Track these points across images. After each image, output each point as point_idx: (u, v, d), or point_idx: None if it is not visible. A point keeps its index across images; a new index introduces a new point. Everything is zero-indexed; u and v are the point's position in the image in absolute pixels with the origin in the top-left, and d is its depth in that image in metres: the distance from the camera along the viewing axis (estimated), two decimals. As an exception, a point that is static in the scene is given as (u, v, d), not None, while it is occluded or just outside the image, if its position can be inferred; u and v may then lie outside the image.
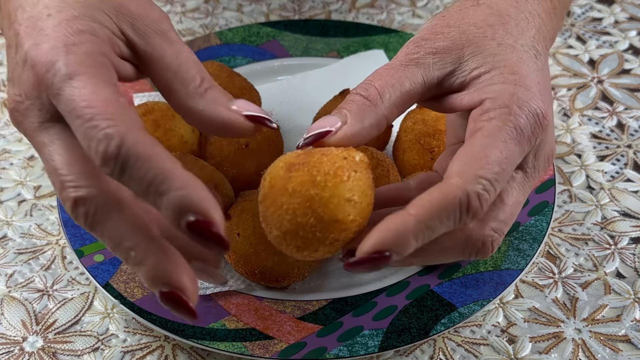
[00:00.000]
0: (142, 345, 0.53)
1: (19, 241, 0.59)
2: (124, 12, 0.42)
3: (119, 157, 0.37)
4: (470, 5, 0.46)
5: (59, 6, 0.41)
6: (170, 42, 0.42)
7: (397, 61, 0.44)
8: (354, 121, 0.42)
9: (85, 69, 0.39)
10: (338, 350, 0.50)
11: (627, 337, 0.53)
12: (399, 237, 0.38)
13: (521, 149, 0.41)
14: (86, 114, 0.37)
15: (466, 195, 0.39)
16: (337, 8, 0.81)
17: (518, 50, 0.44)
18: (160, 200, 0.37)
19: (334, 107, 0.60)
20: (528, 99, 0.42)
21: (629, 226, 0.60)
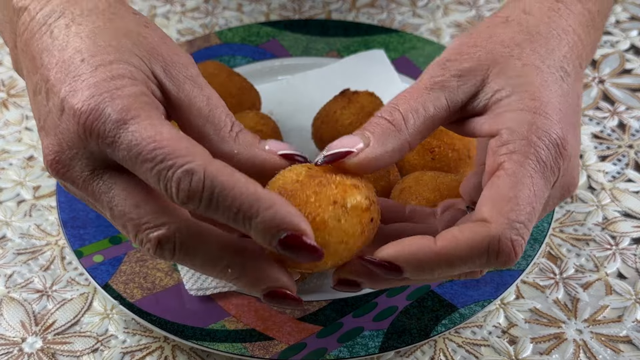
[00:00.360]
0: (142, 346, 0.52)
1: (18, 242, 0.59)
2: (156, 57, 0.41)
3: (205, 190, 0.36)
4: (499, 22, 0.45)
5: (92, 50, 0.40)
6: (200, 88, 0.42)
7: (422, 84, 0.43)
8: (377, 145, 0.41)
9: (137, 112, 0.38)
10: (338, 351, 0.50)
11: (629, 338, 0.53)
12: (415, 260, 0.38)
13: (547, 182, 0.40)
14: (157, 155, 0.37)
15: (497, 241, 0.38)
16: (337, 8, 0.81)
17: (543, 71, 0.42)
18: (250, 223, 0.37)
19: (334, 107, 0.60)
20: (547, 128, 0.40)
21: (630, 226, 0.60)
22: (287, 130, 0.65)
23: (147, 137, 0.37)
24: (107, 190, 0.40)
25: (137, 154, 0.37)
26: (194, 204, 0.37)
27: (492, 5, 0.81)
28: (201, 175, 0.36)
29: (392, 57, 0.72)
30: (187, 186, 0.36)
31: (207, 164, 0.37)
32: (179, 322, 0.51)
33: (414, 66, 0.71)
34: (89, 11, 0.41)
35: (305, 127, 0.64)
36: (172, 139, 0.37)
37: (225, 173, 0.37)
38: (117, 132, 0.37)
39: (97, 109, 0.38)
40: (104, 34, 0.40)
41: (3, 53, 0.76)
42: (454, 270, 0.39)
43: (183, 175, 0.36)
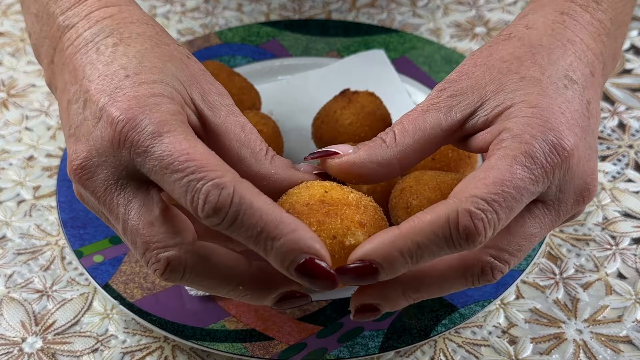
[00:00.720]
0: (142, 346, 0.52)
1: (18, 242, 0.59)
2: (195, 84, 0.43)
3: (232, 205, 0.37)
4: (501, 39, 0.45)
5: (137, 69, 0.41)
6: (236, 115, 0.43)
7: (420, 107, 0.44)
8: (362, 153, 0.42)
9: (173, 126, 0.39)
10: (338, 351, 0.50)
11: (629, 338, 0.53)
12: (384, 248, 0.39)
13: (532, 176, 0.39)
14: (189, 166, 0.38)
15: (455, 213, 0.38)
16: (337, 8, 0.81)
17: (542, 82, 0.42)
18: (272, 244, 0.38)
19: (334, 107, 0.60)
20: (543, 129, 0.40)
21: (630, 227, 0.60)
22: (287, 130, 0.65)
23: (180, 149, 0.38)
24: (125, 204, 0.40)
25: (168, 164, 0.38)
26: (218, 219, 0.38)
27: (492, 5, 0.81)
28: (230, 190, 0.37)
29: (392, 57, 0.72)
30: (215, 199, 0.37)
31: (236, 182, 0.38)
32: (179, 322, 0.51)
33: (414, 66, 0.71)
34: (137, 35, 0.43)
35: (305, 127, 0.64)
36: (204, 153, 0.39)
37: (253, 192, 0.38)
38: (152, 143, 0.39)
39: (134, 119, 0.39)
40: (150, 56, 0.42)
41: (3, 53, 0.76)
42: (423, 251, 0.39)
43: (212, 187, 0.37)
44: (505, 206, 0.39)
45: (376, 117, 0.59)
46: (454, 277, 0.42)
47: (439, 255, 0.40)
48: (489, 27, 0.79)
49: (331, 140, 0.59)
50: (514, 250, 0.42)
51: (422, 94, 0.68)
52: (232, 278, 0.41)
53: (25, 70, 0.74)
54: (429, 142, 0.43)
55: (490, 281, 0.42)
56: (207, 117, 0.42)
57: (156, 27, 0.45)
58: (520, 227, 0.41)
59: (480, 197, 0.38)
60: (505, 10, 0.81)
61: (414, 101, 0.68)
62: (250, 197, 0.38)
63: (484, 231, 0.38)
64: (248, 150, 0.43)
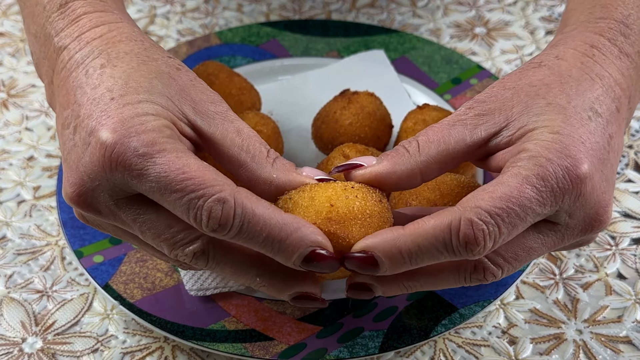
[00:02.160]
0: (142, 346, 0.52)
1: (18, 242, 0.59)
2: (185, 97, 0.43)
3: (236, 217, 0.39)
4: (531, 67, 0.45)
5: (123, 90, 0.41)
6: (231, 121, 0.43)
7: (446, 121, 0.44)
8: (386, 163, 0.43)
9: (162, 145, 0.40)
10: (338, 351, 0.50)
11: (629, 338, 0.53)
12: (386, 245, 0.40)
13: (540, 198, 0.40)
14: (187, 185, 0.39)
15: (458, 221, 0.39)
16: (337, 8, 0.81)
17: (567, 111, 0.42)
18: (278, 246, 0.40)
19: (334, 107, 0.60)
20: (560, 155, 0.40)
21: (630, 227, 0.60)
22: (287, 130, 0.65)
23: (175, 168, 0.39)
24: (136, 217, 0.42)
25: (166, 185, 0.39)
26: (224, 231, 0.39)
27: (492, 6, 0.81)
28: (232, 203, 0.39)
29: (392, 57, 0.72)
30: (219, 214, 0.39)
31: (235, 193, 0.39)
32: (179, 322, 0.51)
33: (414, 66, 0.71)
34: (125, 53, 0.43)
35: (305, 127, 0.64)
36: (199, 169, 0.39)
37: (252, 200, 0.40)
38: (145, 165, 0.39)
39: (122, 143, 0.39)
40: (136, 76, 0.42)
41: (3, 53, 0.76)
42: (423, 253, 0.40)
43: (214, 203, 0.39)
44: (508, 222, 0.40)
45: (376, 117, 0.59)
46: (447, 270, 0.43)
47: (439, 259, 0.41)
48: (488, 27, 0.79)
49: (331, 141, 0.59)
50: (510, 257, 0.42)
51: (422, 94, 0.68)
52: (250, 268, 0.43)
53: (25, 70, 0.74)
54: (451, 156, 0.43)
55: (481, 281, 0.43)
56: (201, 127, 0.43)
57: (145, 43, 0.45)
58: (521, 237, 0.42)
59: (484, 208, 0.39)
60: (505, 10, 0.81)
61: (414, 101, 0.68)
62: (251, 205, 0.39)
63: (483, 242, 0.39)
64: (248, 155, 0.43)
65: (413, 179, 0.43)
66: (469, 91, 0.68)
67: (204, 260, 0.42)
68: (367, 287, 0.43)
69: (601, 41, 0.46)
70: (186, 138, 0.42)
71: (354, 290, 0.44)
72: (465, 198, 0.41)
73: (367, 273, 0.41)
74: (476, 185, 0.51)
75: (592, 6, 0.48)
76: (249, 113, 0.59)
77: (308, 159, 0.63)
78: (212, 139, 0.43)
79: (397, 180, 0.43)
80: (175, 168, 0.39)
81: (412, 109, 0.61)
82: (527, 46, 0.76)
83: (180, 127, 0.42)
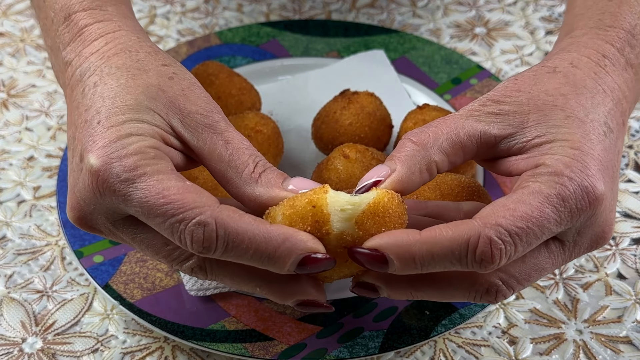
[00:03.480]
0: (142, 346, 0.52)
1: (18, 242, 0.59)
2: (173, 110, 0.43)
3: (219, 239, 0.39)
4: (545, 72, 0.45)
5: (109, 111, 0.42)
6: (219, 133, 0.43)
7: (458, 114, 0.44)
8: (402, 168, 0.42)
9: (144, 169, 0.40)
10: (338, 351, 0.50)
11: (629, 338, 0.53)
12: (400, 248, 0.39)
13: (558, 218, 0.40)
14: (167, 210, 0.39)
15: (477, 237, 0.39)
16: (337, 8, 0.81)
17: (586, 125, 0.42)
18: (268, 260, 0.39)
19: (334, 107, 0.60)
20: (581, 174, 0.40)
21: (630, 227, 0.60)
22: (287, 130, 0.65)
23: (155, 193, 0.39)
24: (134, 236, 0.43)
25: (148, 210, 0.39)
26: (210, 252, 0.39)
27: (492, 6, 0.81)
28: (213, 225, 0.39)
29: (392, 57, 0.72)
30: (201, 237, 0.39)
31: (216, 214, 0.39)
32: (179, 322, 0.51)
33: (414, 66, 0.71)
34: (117, 68, 0.44)
35: (305, 127, 0.64)
36: (178, 192, 0.39)
37: (234, 219, 0.39)
38: (127, 191, 0.40)
39: (106, 169, 0.40)
40: (123, 93, 0.43)
41: (3, 53, 0.76)
42: (435, 262, 0.39)
43: (195, 227, 0.39)
44: (525, 241, 0.40)
45: (376, 117, 0.59)
46: (459, 288, 0.42)
47: (449, 269, 0.40)
48: (488, 27, 0.79)
49: (331, 141, 0.59)
50: (523, 279, 0.42)
51: (422, 94, 0.68)
52: (250, 280, 0.42)
53: (25, 70, 0.74)
54: (462, 149, 0.43)
55: (491, 302, 0.43)
56: (189, 141, 0.43)
57: (139, 53, 0.45)
58: (534, 259, 0.42)
59: (505, 227, 0.39)
60: (505, 10, 0.81)
61: (414, 101, 0.68)
62: (234, 224, 0.39)
63: (498, 260, 0.39)
64: (234, 171, 0.43)
65: (431, 172, 0.43)
66: (469, 91, 0.68)
67: (202, 274, 0.43)
68: (373, 287, 0.43)
69: (612, 51, 0.46)
70: (176, 150, 0.43)
71: (359, 288, 0.44)
72: (485, 211, 0.40)
73: (374, 269, 0.41)
74: (476, 185, 0.51)
75: (601, 12, 0.48)
76: (249, 113, 0.59)
77: (308, 159, 0.64)
78: (200, 153, 0.43)
79: (418, 180, 0.42)
80: (155, 192, 0.39)
81: (412, 109, 0.61)
82: (527, 46, 0.76)
83: (168, 141, 0.42)
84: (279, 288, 0.42)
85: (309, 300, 0.43)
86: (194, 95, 0.44)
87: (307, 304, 0.43)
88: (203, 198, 0.40)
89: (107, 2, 0.48)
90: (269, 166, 0.43)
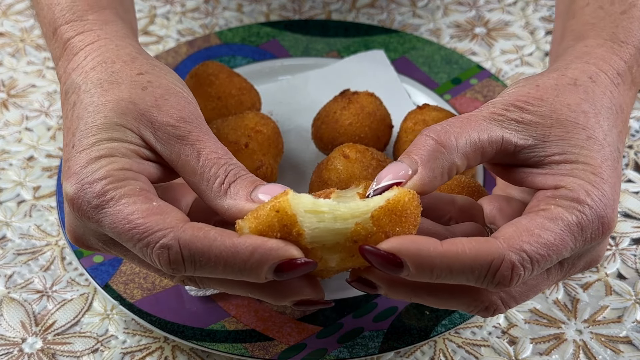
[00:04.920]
0: (142, 346, 0.52)
1: (18, 242, 0.59)
2: (145, 123, 0.43)
3: (185, 260, 0.39)
4: (567, 83, 0.44)
5: (82, 133, 0.43)
6: (191, 144, 0.43)
7: (481, 114, 0.43)
8: (425, 171, 0.41)
9: (111, 194, 0.40)
10: (338, 351, 0.50)
11: (629, 339, 0.53)
12: (419, 258, 0.38)
13: (574, 246, 0.40)
14: (134, 235, 0.39)
15: (501, 260, 0.38)
16: (337, 8, 0.81)
17: (605, 149, 0.42)
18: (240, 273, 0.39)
19: (334, 107, 0.60)
20: (600, 203, 0.40)
21: (630, 227, 0.60)
22: (287, 130, 0.65)
23: (122, 218, 0.40)
24: (125, 254, 0.43)
25: (118, 235, 0.40)
26: (180, 272, 0.40)
27: (492, 6, 0.81)
28: (177, 248, 0.39)
29: (392, 57, 0.72)
30: (167, 260, 0.39)
31: (179, 235, 0.39)
32: (179, 322, 0.51)
33: (414, 66, 0.71)
34: (92, 84, 0.44)
35: (305, 127, 0.64)
36: (142, 216, 0.40)
37: (199, 237, 0.39)
38: (98, 217, 0.41)
39: (79, 196, 0.41)
40: (94, 113, 0.43)
41: (3, 53, 0.76)
42: (452, 276, 0.39)
43: (160, 251, 0.39)
44: (541, 267, 0.40)
45: (376, 117, 0.59)
46: (459, 300, 0.42)
47: (460, 283, 0.40)
48: (488, 27, 0.79)
49: (331, 141, 0.59)
50: (520, 298, 0.42)
51: (422, 94, 0.68)
52: (240, 288, 0.42)
53: (25, 70, 0.74)
54: (482, 155, 0.42)
55: (485, 316, 0.43)
56: (161, 152, 0.43)
57: (115, 64, 0.45)
58: (534, 280, 0.42)
59: (529, 254, 0.39)
60: (505, 10, 0.81)
61: (414, 101, 0.68)
62: (198, 243, 0.39)
63: (515, 283, 0.39)
64: (205, 183, 0.42)
65: (451, 175, 0.42)
66: (469, 91, 0.68)
67: (195, 285, 0.43)
68: (372, 285, 0.42)
69: (624, 69, 0.46)
70: (154, 162, 0.43)
71: (358, 283, 0.42)
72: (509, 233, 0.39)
73: (385, 271, 0.39)
74: (476, 185, 0.51)
75: (614, 25, 0.47)
76: (249, 113, 0.59)
77: (308, 159, 0.64)
78: (175, 166, 0.43)
79: (439, 182, 0.41)
80: (121, 218, 0.40)
81: (412, 109, 0.61)
82: (527, 46, 0.76)
83: (143, 155, 0.43)
84: (271, 291, 0.42)
85: (305, 300, 0.42)
86: (167, 104, 0.44)
87: (304, 304, 0.42)
88: (168, 219, 0.40)
89: (88, 11, 0.48)
90: (241, 175, 0.43)
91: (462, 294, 0.41)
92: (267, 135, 0.58)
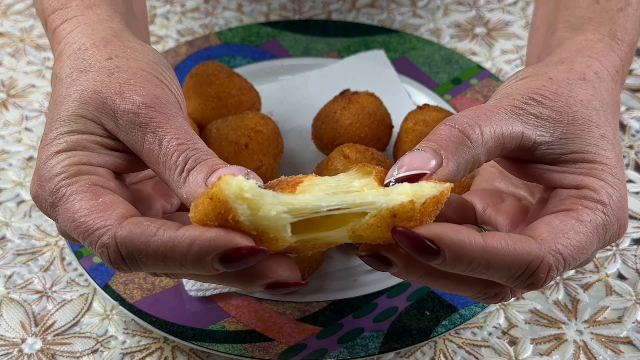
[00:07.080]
0: (142, 347, 0.52)
1: (17, 242, 0.59)
2: (106, 112, 0.42)
3: (125, 257, 0.39)
4: (577, 77, 0.44)
5: (48, 127, 0.43)
6: (153, 132, 0.41)
7: (503, 107, 0.42)
8: (451, 163, 0.39)
9: (62, 192, 0.40)
10: (338, 352, 0.50)
11: (629, 339, 0.52)
12: (459, 246, 0.37)
13: (597, 248, 0.41)
14: (79, 234, 0.40)
15: (539, 261, 0.38)
16: (337, 8, 0.81)
17: (616, 147, 0.43)
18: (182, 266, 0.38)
19: (334, 107, 0.60)
20: (620, 206, 0.41)
21: (631, 227, 0.60)
22: (287, 130, 0.65)
23: (68, 217, 0.40)
24: None
25: (70, 232, 0.41)
26: (124, 269, 0.40)
27: (492, 6, 0.81)
28: (114, 246, 0.39)
29: (392, 57, 0.72)
30: (108, 259, 0.39)
31: (116, 232, 0.38)
32: (179, 322, 0.51)
33: (414, 66, 0.70)
34: (65, 74, 0.44)
35: (305, 127, 0.64)
36: (85, 214, 0.40)
37: (135, 233, 0.38)
38: (55, 215, 0.41)
39: (38, 194, 0.42)
40: (59, 105, 0.43)
41: (3, 53, 0.76)
42: (487, 271, 0.38)
43: (101, 250, 0.39)
44: (570, 268, 0.40)
45: (376, 117, 0.59)
46: (471, 286, 0.41)
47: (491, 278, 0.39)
48: (489, 27, 0.79)
49: (331, 141, 0.59)
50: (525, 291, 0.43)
51: (422, 94, 0.68)
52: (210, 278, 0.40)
53: (25, 70, 0.74)
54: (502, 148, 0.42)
55: (493, 303, 0.43)
56: (126, 142, 0.42)
57: (87, 51, 0.44)
58: None
59: (564, 257, 0.39)
60: (505, 10, 0.81)
61: (414, 101, 0.68)
62: (135, 239, 0.38)
63: (546, 285, 0.40)
64: (167, 172, 0.41)
65: (474, 168, 0.41)
66: (469, 91, 0.68)
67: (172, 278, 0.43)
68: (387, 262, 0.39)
69: (620, 67, 0.46)
70: (120, 151, 0.43)
71: (372, 259, 0.40)
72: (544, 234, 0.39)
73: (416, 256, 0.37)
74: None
75: (612, 22, 0.48)
76: (249, 113, 0.59)
77: (308, 159, 0.63)
78: (140, 155, 0.42)
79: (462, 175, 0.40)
80: (68, 217, 0.40)
81: (412, 109, 0.61)
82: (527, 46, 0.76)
83: (107, 145, 0.42)
84: (236, 277, 0.39)
85: (274, 283, 0.39)
86: (132, 90, 0.42)
87: (277, 286, 0.39)
88: (108, 215, 0.39)
89: None
90: (202, 159, 0.41)
91: (477, 281, 0.41)
92: (267, 135, 0.58)
